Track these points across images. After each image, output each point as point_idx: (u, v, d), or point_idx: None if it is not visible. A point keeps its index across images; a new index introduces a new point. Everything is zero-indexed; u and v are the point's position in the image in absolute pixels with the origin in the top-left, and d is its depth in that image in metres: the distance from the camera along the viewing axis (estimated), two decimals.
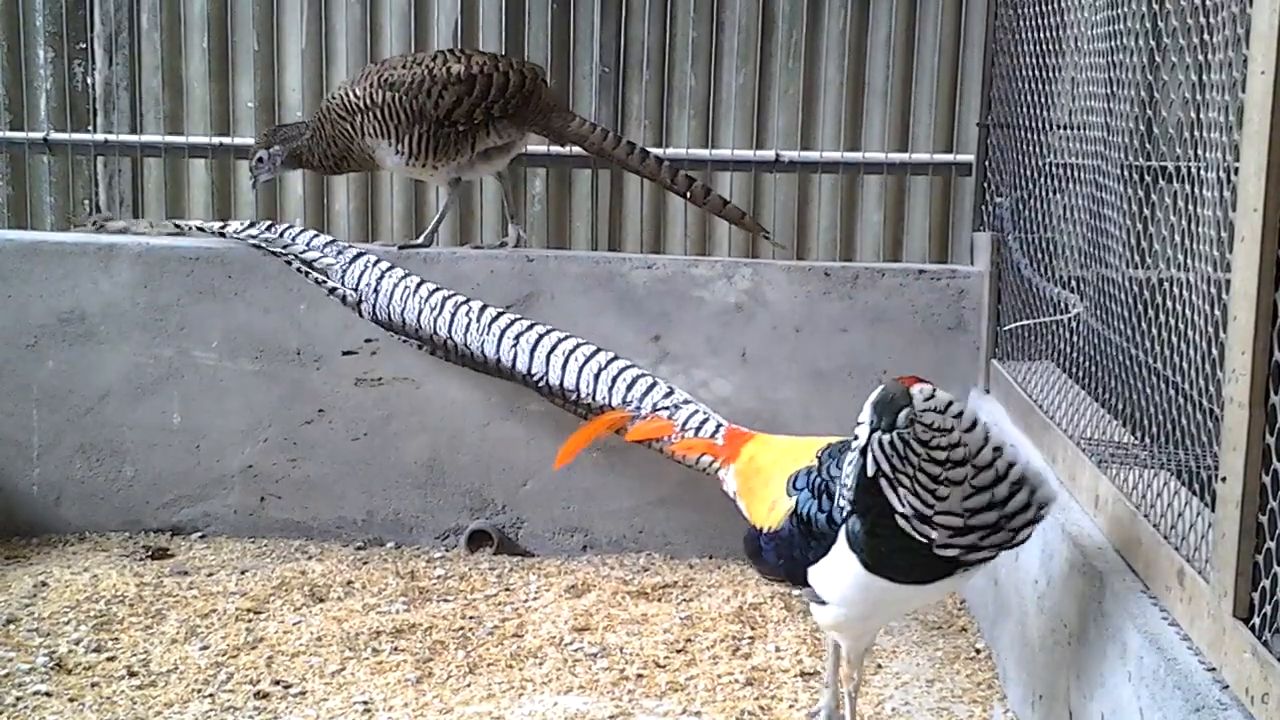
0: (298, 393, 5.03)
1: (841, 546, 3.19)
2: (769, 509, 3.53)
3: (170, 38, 6.22)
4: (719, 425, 4.24)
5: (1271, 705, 2.22)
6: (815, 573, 3.31)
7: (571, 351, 4.66)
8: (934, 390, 2.98)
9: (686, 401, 4.43)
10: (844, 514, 3.16)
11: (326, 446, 5.03)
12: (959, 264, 5.37)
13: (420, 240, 5.15)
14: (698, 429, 4.27)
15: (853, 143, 6.01)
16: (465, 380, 4.98)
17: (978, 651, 4.19)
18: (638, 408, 4.45)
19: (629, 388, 4.51)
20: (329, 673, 3.94)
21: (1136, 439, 3.43)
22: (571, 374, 4.62)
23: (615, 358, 4.63)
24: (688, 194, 5.06)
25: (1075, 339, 3.92)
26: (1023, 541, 3.11)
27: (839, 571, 3.22)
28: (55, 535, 5.04)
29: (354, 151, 5.04)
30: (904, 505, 3.00)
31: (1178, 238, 2.98)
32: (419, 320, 4.77)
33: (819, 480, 3.34)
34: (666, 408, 4.40)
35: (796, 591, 3.89)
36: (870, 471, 2.99)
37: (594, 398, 4.57)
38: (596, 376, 4.58)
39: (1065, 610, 3.32)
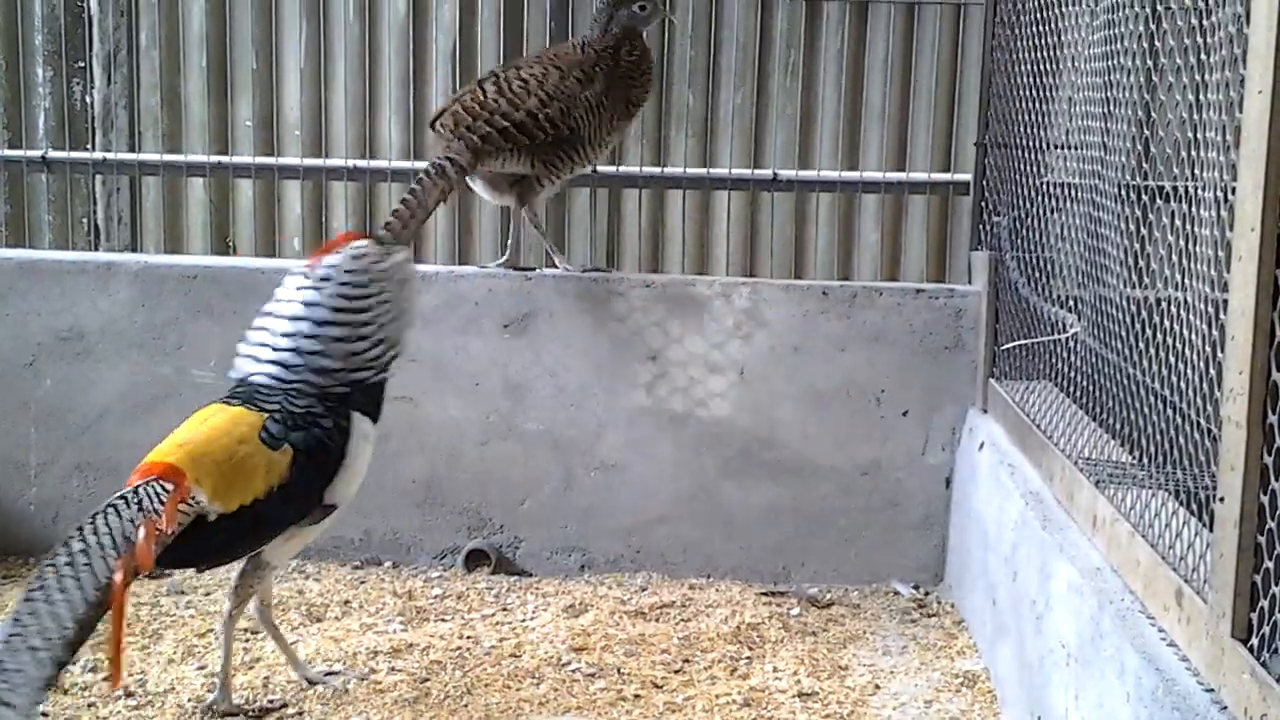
0: None
1: (356, 434, 3.72)
2: (258, 476, 3.52)
3: (169, 56, 6.24)
4: (143, 483, 3.42)
5: None
6: (335, 489, 3.73)
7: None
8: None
9: (121, 498, 3.38)
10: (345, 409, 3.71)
11: None
12: (957, 283, 5.37)
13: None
14: (152, 500, 3.37)
15: (850, 162, 6.01)
16: (463, 399, 4.98)
17: (976, 673, 4.18)
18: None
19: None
20: (326, 693, 3.93)
21: (1134, 459, 3.43)
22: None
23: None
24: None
25: (1073, 358, 3.92)
26: None
27: (358, 458, 3.75)
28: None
29: None
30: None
31: (1175, 257, 2.98)
32: None
33: (294, 414, 3.63)
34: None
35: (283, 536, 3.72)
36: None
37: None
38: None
39: (1063, 630, 3.31)
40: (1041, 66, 4.36)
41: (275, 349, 3.72)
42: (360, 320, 3.74)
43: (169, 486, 3.40)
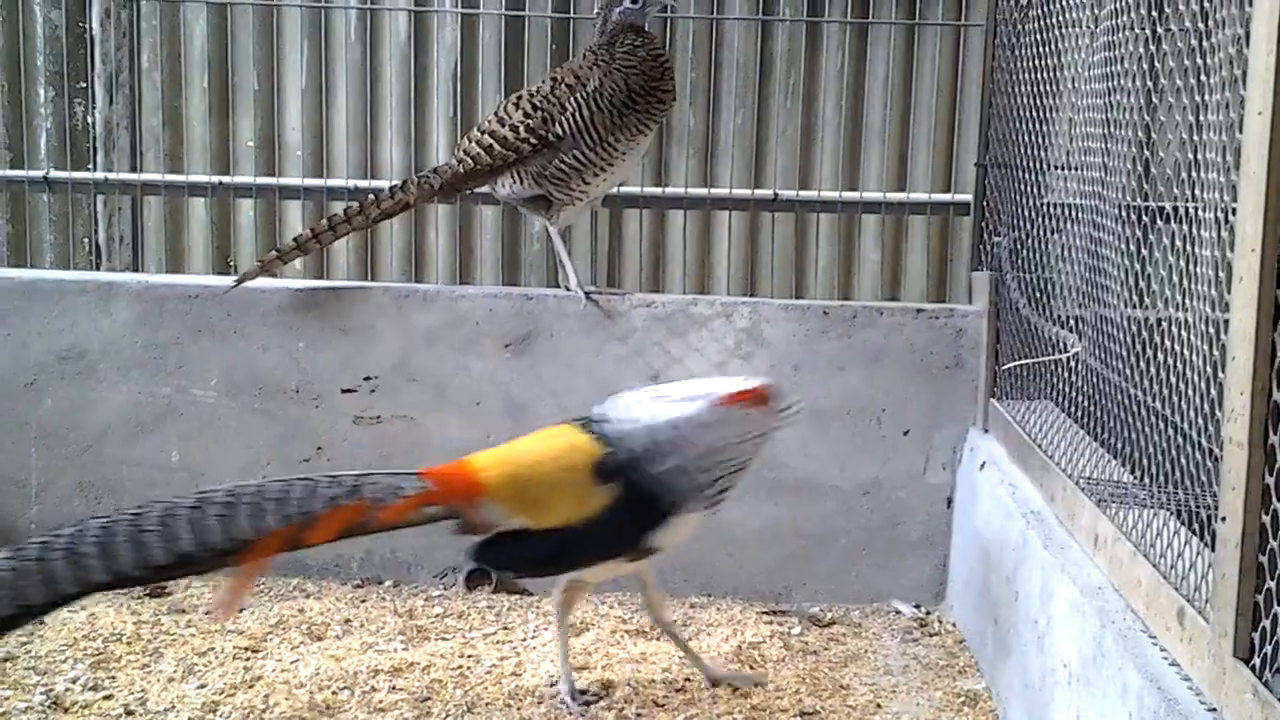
0: (296, 430, 5.02)
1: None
2: (573, 502, 3.69)
3: (171, 77, 6.25)
4: (411, 476, 3.70)
5: None
6: (663, 535, 3.77)
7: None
8: None
9: (360, 477, 3.63)
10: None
11: None
12: (957, 303, 5.38)
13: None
14: (381, 490, 3.60)
15: (851, 182, 6.03)
16: (464, 419, 4.98)
17: (977, 692, 4.17)
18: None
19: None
20: (330, 714, 3.93)
21: (1136, 478, 3.43)
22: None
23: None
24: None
25: (1074, 378, 3.93)
26: None
27: (688, 521, 3.79)
28: None
29: None
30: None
31: (1176, 278, 2.99)
32: None
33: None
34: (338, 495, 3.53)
35: (620, 563, 3.91)
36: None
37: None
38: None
39: (1065, 650, 3.31)
40: (1042, 87, 4.37)
41: (651, 438, 3.73)
42: (718, 462, 3.76)
43: (425, 485, 3.64)
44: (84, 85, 6.28)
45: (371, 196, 4.98)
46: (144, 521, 3.24)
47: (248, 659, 4.27)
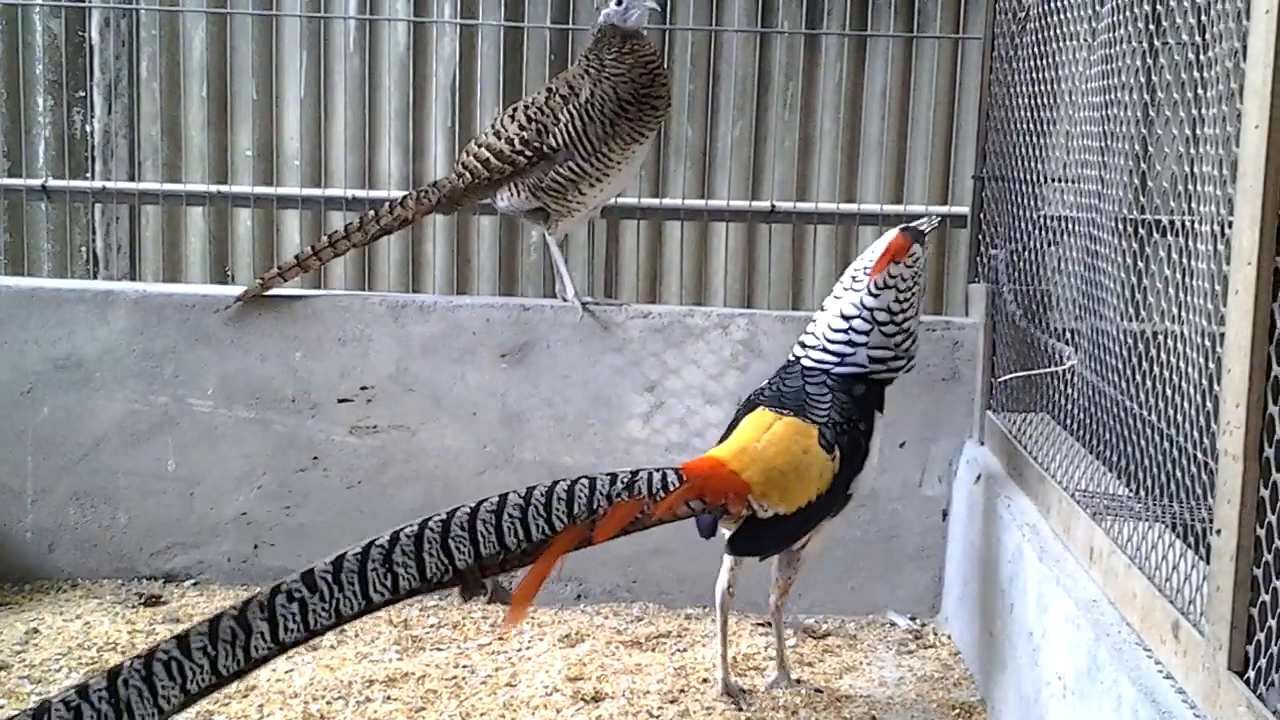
0: (292, 440, 5.02)
1: (877, 430, 4.10)
2: (815, 480, 3.90)
3: (169, 86, 6.26)
4: (673, 470, 3.72)
5: None
6: (859, 479, 4.05)
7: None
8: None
9: (634, 473, 3.65)
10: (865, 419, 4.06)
11: (321, 494, 5.02)
12: (954, 315, 5.38)
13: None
14: (654, 485, 3.64)
15: (848, 194, 6.04)
16: (460, 428, 4.98)
17: (972, 704, 4.17)
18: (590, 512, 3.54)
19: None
20: None
21: (1131, 491, 3.43)
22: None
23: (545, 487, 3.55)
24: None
25: (1070, 391, 3.93)
26: None
27: (875, 451, 4.10)
28: (48, 582, 5.02)
29: None
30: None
31: (1172, 291, 2.99)
32: None
33: (838, 422, 3.98)
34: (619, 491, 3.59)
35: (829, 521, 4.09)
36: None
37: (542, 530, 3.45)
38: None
39: (1060, 663, 3.31)
40: (1039, 100, 4.38)
41: (829, 341, 4.11)
42: (907, 316, 4.10)
43: (687, 480, 3.68)
44: (82, 94, 6.29)
45: (371, 212, 4.98)
46: (451, 527, 3.28)
47: None
